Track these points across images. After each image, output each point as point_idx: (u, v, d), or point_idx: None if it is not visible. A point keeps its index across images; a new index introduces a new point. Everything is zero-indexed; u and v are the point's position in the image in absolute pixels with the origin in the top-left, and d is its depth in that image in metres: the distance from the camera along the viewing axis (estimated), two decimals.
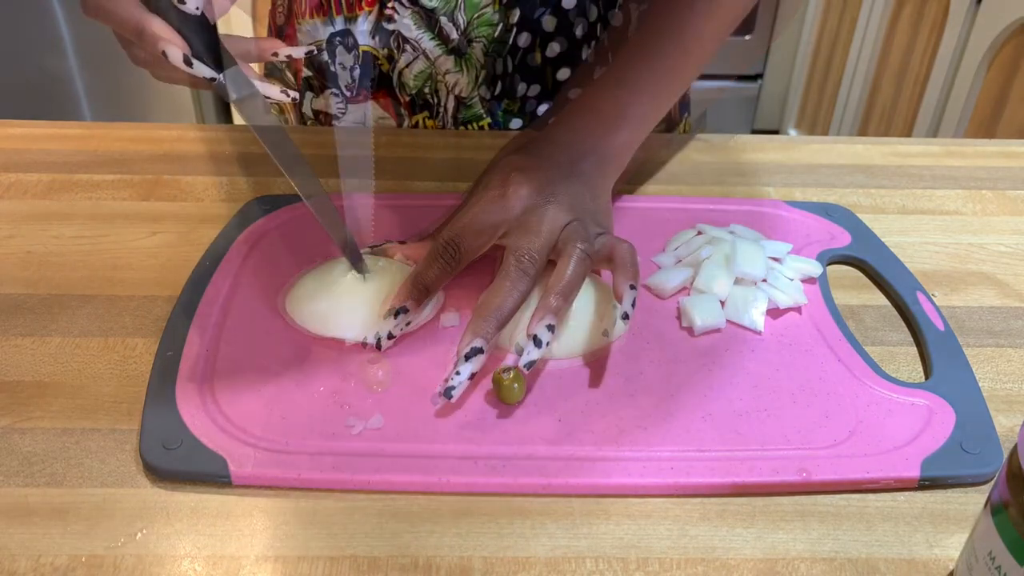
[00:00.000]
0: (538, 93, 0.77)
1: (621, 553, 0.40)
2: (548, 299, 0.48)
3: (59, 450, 0.44)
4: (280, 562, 0.39)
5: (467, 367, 0.46)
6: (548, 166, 0.54)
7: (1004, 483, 0.34)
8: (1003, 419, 0.48)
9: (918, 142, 0.80)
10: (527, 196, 0.52)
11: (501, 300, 0.48)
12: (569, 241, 0.51)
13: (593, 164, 0.56)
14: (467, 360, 0.46)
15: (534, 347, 0.47)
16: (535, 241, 0.50)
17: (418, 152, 0.73)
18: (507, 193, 0.52)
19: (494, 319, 0.47)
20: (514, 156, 0.56)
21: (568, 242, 0.51)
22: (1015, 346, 0.54)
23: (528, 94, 0.76)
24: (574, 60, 0.75)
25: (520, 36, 0.73)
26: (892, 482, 0.43)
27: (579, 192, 0.54)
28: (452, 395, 0.45)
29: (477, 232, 0.51)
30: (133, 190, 0.67)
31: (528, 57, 0.74)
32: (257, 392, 0.47)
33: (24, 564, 0.39)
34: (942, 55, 1.75)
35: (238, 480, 0.42)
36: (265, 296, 0.54)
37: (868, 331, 0.55)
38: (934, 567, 0.40)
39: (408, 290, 0.50)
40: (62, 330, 0.52)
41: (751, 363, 0.51)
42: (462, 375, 0.46)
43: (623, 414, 0.47)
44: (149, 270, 0.58)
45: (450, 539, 0.41)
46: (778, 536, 0.41)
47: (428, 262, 0.51)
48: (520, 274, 0.49)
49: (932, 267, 0.61)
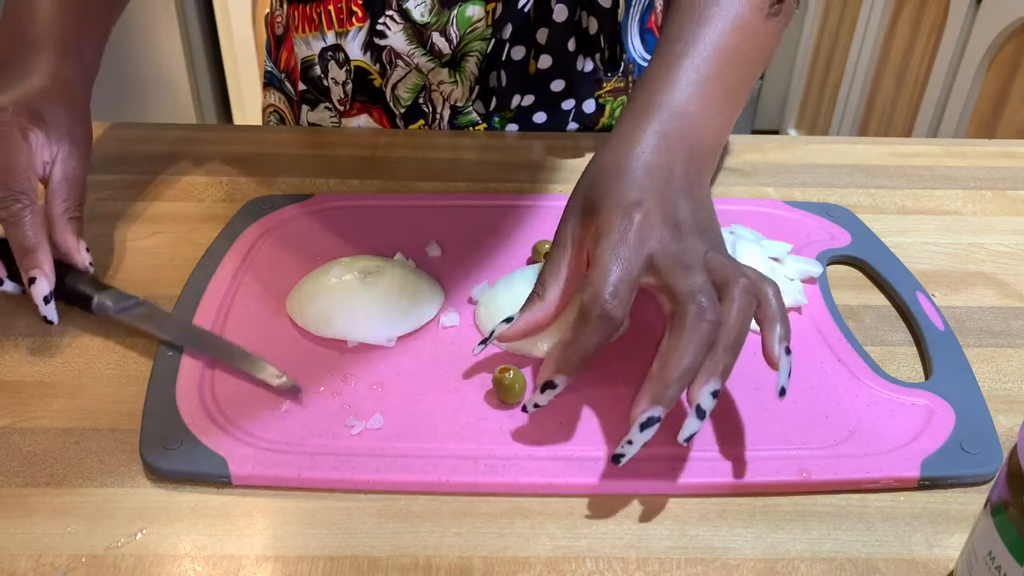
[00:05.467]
0: (532, 103, 0.76)
1: (621, 553, 0.40)
2: (717, 357, 0.41)
3: (59, 450, 0.44)
4: (280, 562, 0.39)
5: (641, 437, 0.40)
6: (659, 188, 0.45)
7: (1004, 483, 0.34)
8: (1003, 419, 0.48)
9: (918, 142, 0.80)
10: (659, 227, 0.43)
11: (686, 359, 0.40)
12: (728, 281, 0.43)
13: (694, 173, 0.47)
14: (642, 430, 0.40)
15: (696, 419, 0.41)
16: (697, 278, 0.42)
17: (418, 152, 0.73)
18: (637, 231, 0.43)
19: (678, 384, 0.40)
20: (614, 189, 0.45)
21: (727, 283, 0.42)
22: (1015, 346, 0.54)
23: (523, 104, 0.76)
24: (569, 71, 0.75)
25: (514, 49, 0.72)
26: (892, 482, 0.43)
27: (697, 211, 0.46)
28: (621, 462, 0.41)
29: (626, 286, 0.42)
30: (133, 190, 0.67)
31: (521, 69, 0.74)
32: (257, 392, 0.47)
33: (24, 564, 0.39)
34: (942, 55, 1.75)
35: (238, 480, 0.42)
36: (265, 296, 0.54)
37: (868, 331, 0.55)
38: (934, 567, 0.40)
39: (563, 364, 0.43)
40: (62, 330, 0.52)
41: (751, 363, 0.50)
42: (635, 445, 0.40)
43: (623, 414, 0.46)
44: (149, 270, 0.58)
45: (450, 539, 0.41)
46: (778, 536, 0.41)
47: (585, 333, 0.42)
48: (698, 321, 0.41)
49: (932, 267, 0.61)
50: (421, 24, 0.70)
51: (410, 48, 0.72)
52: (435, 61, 0.73)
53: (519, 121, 0.78)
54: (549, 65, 0.74)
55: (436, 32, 0.71)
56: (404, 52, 0.72)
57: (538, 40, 0.73)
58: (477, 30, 0.71)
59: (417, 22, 0.70)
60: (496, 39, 0.71)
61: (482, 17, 0.71)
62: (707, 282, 0.42)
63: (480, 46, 0.72)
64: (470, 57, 0.72)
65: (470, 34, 0.71)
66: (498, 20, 0.71)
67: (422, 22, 0.70)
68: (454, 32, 0.71)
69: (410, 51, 0.72)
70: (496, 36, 0.71)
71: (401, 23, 0.71)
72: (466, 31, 0.71)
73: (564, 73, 0.75)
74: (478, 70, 0.73)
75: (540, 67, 0.74)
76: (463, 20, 0.70)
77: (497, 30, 0.71)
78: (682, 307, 0.42)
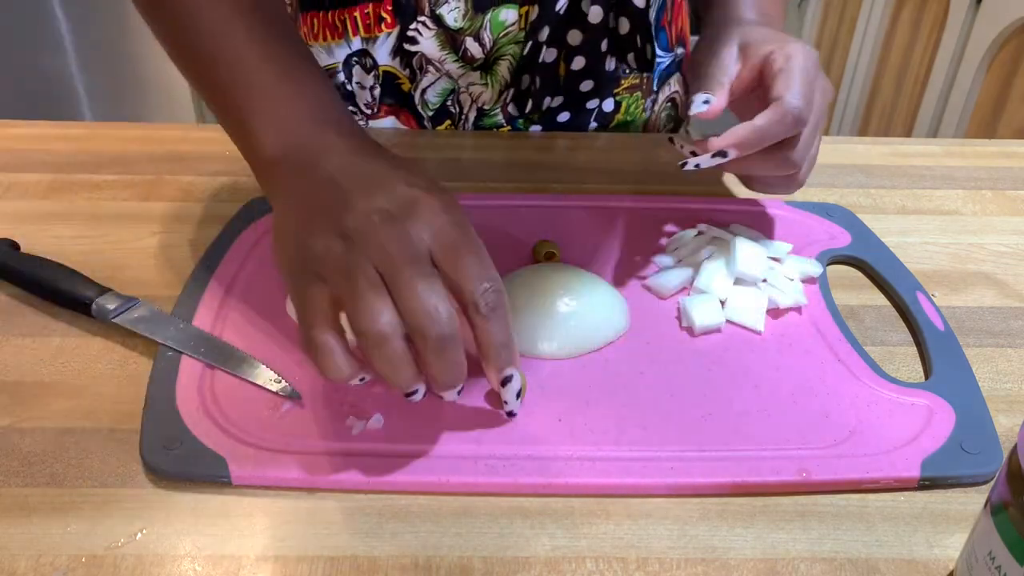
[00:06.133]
0: (560, 104, 0.76)
1: (621, 553, 0.40)
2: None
3: (59, 450, 0.44)
4: (280, 562, 0.39)
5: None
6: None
7: (1004, 483, 0.34)
8: (1003, 419, 0.48)
9: (918, 142, 0.80)
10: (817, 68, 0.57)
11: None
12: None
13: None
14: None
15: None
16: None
17: (418, 153, 0.73)
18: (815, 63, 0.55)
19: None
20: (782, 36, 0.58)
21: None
22: (1015, 346, 0.54)
23: (551, 105, 0.76)
24: (599, 72, 0.74)
25: (547, 52, 0.72)
26: (892, 482, 0.43)
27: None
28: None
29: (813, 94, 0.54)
30: (133, 190, 0.67)
31: (553, 70, 0.73)
32: (257, 392, 0.47)
33: (24, 564, 0.39)
34: (942, 55, 1.75)
35: (238, 480, 0.42)
36: (265, 296, 0.54)
37: (868, 331, 0.55)
38: (934, 567, 0.40)
39: (743, 142, 0.52)
40: (62, 330, 0.52)
41: (751, 363, 0.51)
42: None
43: (623, 414, 0.47)
44: (149, 270, 0.58)
45: (450, 539, 0.41)
46: (778, 536, 0.41)
47: (776, 126, 0.52)
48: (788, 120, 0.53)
49: (932, 267, 0.61)
50: (454, 30, 0.69)
51: (442, 54, 0.71)
52: (466, 67, 0.72)
53: (542, 122, 0.78)
54: (582, 66, 0.73)
55: (469, 37, 0.70)
56: (435, 58, 0.71)
57: (569, 42, 0.72)
58: (510, 34, 0.70)
59: (450, 28, 0.69)
60: (532, 42, 0.71)
61: (515, 21, 0.70)
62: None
63: (513, 49, 0.71)
64: (502, 61, 0.72)
65: (503, 38, 0.70)
66: (534, 23, 0.70)
67: (455, 28, 0.69)
68: (487, 37, 0.70)
69: (442, 57, 0.71)
70: (532, 39, 0.71)
71: (433, 29, 0.70)
72: (499, 35, 0.70)
73: (595, 74, 0.74)
74: (510, 74, 0.73)
75: (572, 68, 0.73)
76: (496, 24, 0.70)
77: (533, 33, 0.70)
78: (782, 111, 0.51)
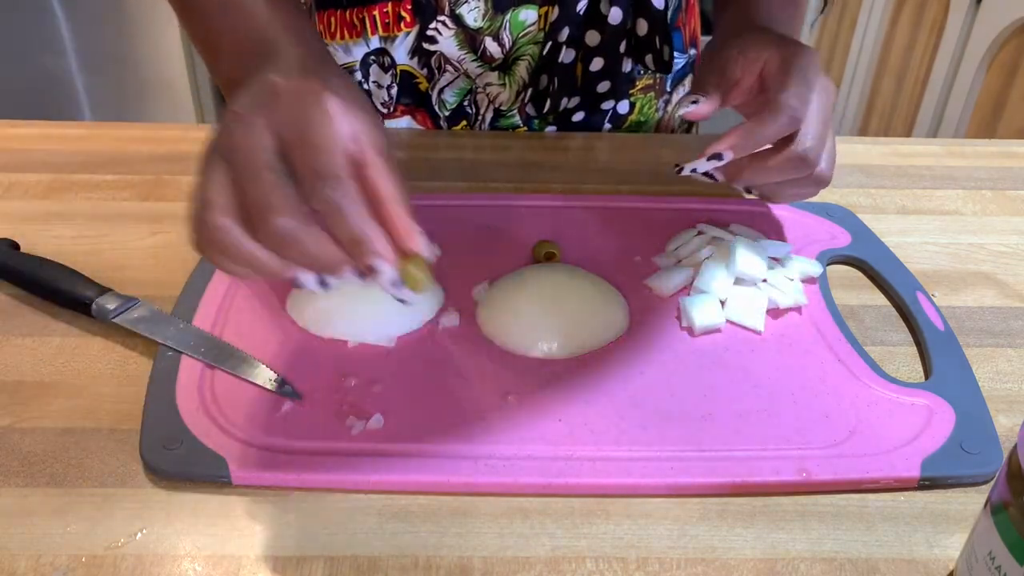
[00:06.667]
0: (576, 104, 0.76)
1: (621, 553, 0.40)
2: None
3: (59, 450, 0.44)
4: (280, 562, 0.39)
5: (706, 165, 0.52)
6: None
7: (1004, 483, 0.34)
8: (1003, 419, 0.48)
9: (918, 142, 0.80)
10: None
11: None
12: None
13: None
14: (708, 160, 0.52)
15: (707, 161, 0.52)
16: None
17: (419, 153, 0.73)
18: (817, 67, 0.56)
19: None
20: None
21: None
22: (1015, 346, 0.54)
23: (568, 106, 0.76)
24: (616, 73, 0.74)
25: (566, 52, 0.72)
26: (892, 482, 0.43)
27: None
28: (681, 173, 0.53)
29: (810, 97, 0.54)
30: (133, 190, 0.67)
31: (571, 71, 0.73)
32: (257, 392, 0.47)
33: (24, 564, 0.39)
34: (942, 55, 1.75)
35: (238, 480, 0.42)
36: (265, 296, 0.54)
37: (868, 331, 0.55)
38: (934, 567, 0.40)
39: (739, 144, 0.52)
40: (62, 330, 0.52)
41: (751, 363, 0.51)
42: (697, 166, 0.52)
43: (623, 414, 0.47)
44: (149, 270, 0.58)
45: (450, 539, 0.41)
46: (778, 536, 0.41)
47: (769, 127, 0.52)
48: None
49: (932, 267, 0.61)
50: (474, 29, 0.69)
51: (461, 53, 0.71)
52: (485, 66, 0.72)
53: (557, 123, 0.78)
54: (600, 68, 0.73)
55: (488, 37, 0.70)
56: (454, 57, 0.71)
57: (588, 43, 0.72)
58: (530, 34, 0.70)
59: (470, 27, 0.69)
60: (552, 42, 0.70)
61: (535, 21, 0.70)
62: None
63: (532, 50, 0.71)
64: (521, 61, 0.72)
65: (522, 38, 0.70)
66: (555, 23, 0.70)
67: (475, 27, 0.69)
68: (507, 36, 0.70)
69: (460, 56, 0.71)
70: (552, 39, 0.70)
71: (453, 28, 0.69)
72: (519, 35, 0.70)
73: (612, 75, 0.74)
74: (528, 75, 0.73)
75: (591, 69, 0.73)
76: (516, 24, 0.70)
77: (552, 33, 0.70)
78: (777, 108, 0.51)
